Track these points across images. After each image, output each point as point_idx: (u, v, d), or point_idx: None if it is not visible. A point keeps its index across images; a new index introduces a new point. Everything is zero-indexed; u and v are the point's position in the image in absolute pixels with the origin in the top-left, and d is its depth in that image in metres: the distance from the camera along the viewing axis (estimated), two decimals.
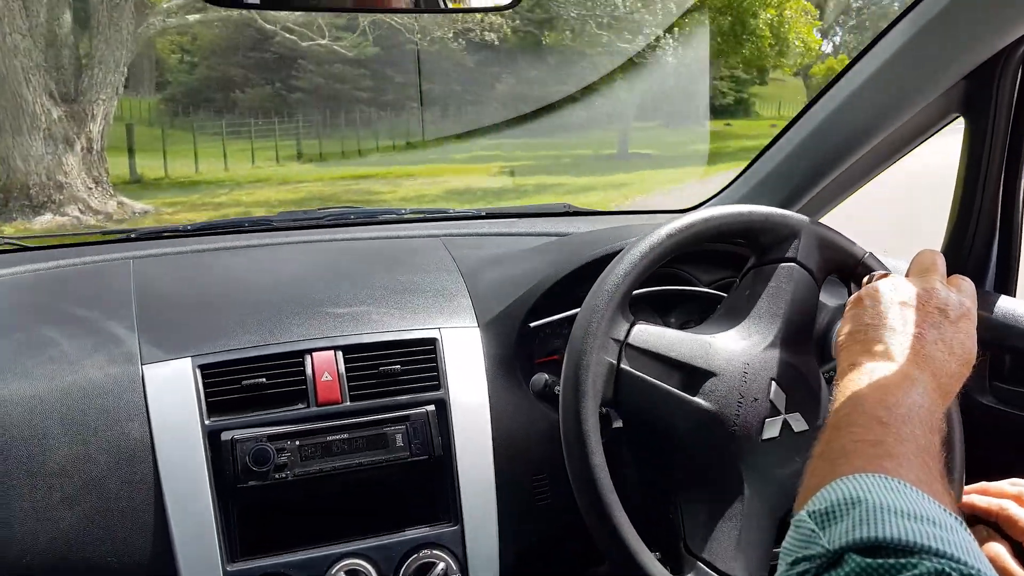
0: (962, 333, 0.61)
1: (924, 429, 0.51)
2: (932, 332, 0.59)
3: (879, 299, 0.63)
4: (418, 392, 0.88)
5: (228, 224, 1.21)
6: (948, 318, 0.61)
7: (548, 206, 1.34)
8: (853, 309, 0.65)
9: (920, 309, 0.61)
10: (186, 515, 0.80)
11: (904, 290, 0.63)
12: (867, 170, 1.09)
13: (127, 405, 0.82)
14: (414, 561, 0.85)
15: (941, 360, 0.58)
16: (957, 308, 0.62)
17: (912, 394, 0.54)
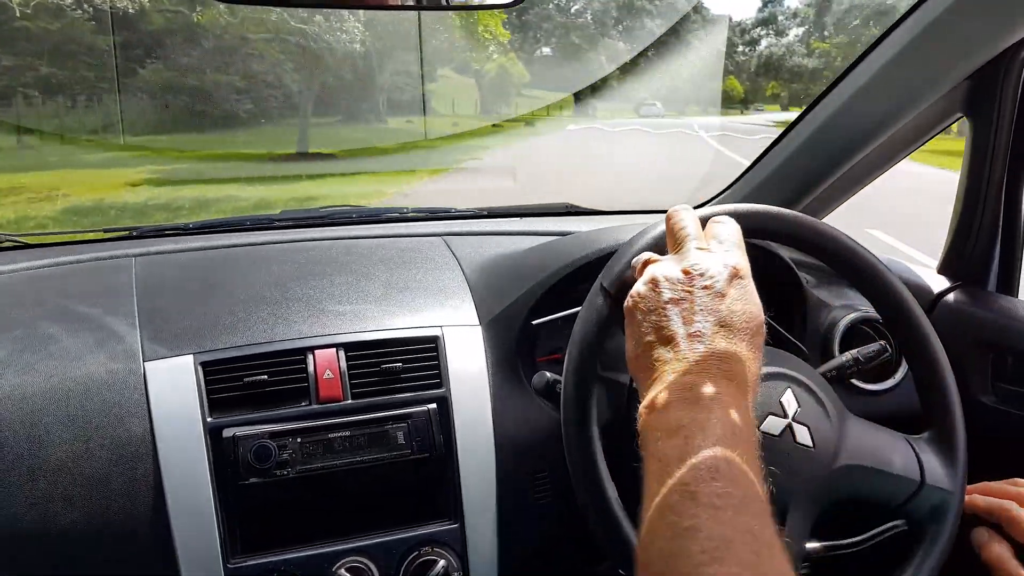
0: (739, 302, 0.56)
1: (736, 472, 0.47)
2: (711, 322, 0.55)
3: (644, 306, 0.58)
4: (420, 390, 0.88)
5: (230, 222, 1.21)
6: (719, 294, 0.56)
7: (550, 205, 1.35)
8: (630, 325, 0.59)
9: (688, 298, 0.56)
10: (187, 512, 0.80)
11: (667, 281, 0.58)
12: (871, 170, 1.09)
13: (128, 402, 0.82)
14: (415, 559, 0.85)
15: (730, 353, 0.54)
16: (722, 274, 0.57)
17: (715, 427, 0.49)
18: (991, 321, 0.95)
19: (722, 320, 0.55)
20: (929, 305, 1.01)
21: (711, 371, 0.53)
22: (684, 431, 0.50)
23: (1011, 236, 0.99)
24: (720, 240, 0.61)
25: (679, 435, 0.50)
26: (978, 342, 0.96)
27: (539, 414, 0.90)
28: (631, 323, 0.59)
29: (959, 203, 1.01)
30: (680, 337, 0.55)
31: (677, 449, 0.49)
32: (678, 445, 0.49)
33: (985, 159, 0.96)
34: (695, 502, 0.46)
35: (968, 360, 0.96)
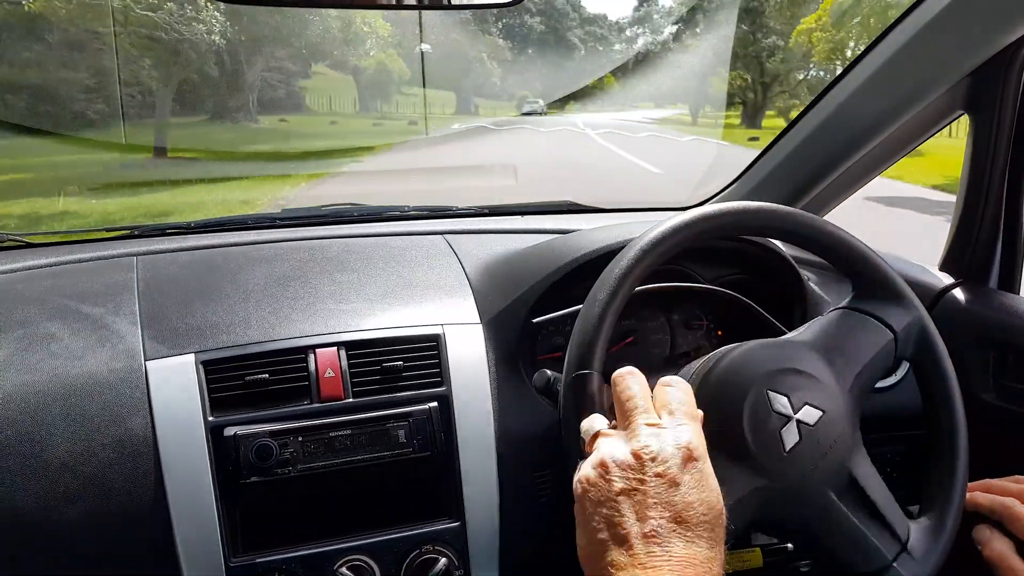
0: (693, 491, 0.53)
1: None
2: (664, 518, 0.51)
3: (595, 496, 0.55)
4: (421, 388, 0.88)
5: (231, 221, 1.21)
6: (672, 480, 0.53)
7: (551, 203, 1.34)
8: (579, 514, 0.56)
9: (641, 489, 0.53)
10: (188, 511, 0.79)
11: (617, 467, 0.54)
12: (871, 167, 1.09)
13: (130, 401, 0.81)
14: (416, 557, 0.85)
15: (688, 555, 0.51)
16: (676, 457, 0.54)
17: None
18: (993, 318, 0.95)
19: (678, 515, 0.52)
20: (931, 302, 1.01)
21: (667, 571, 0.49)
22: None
23: (1012, 233, 0.99)
24: (671, 410, 0.58)
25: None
26: (980, 339, 0.97)
27: (540, 412, 0.90)
28: (581, 512, 0.56)
29: (960, 200, 1.01)
30: (634, 537, 0.51)
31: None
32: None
33: (986, 156, 0.96)
34: None
35: (970, 357, 0.96)
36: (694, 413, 0.59)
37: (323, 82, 23.73)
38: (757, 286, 1.05)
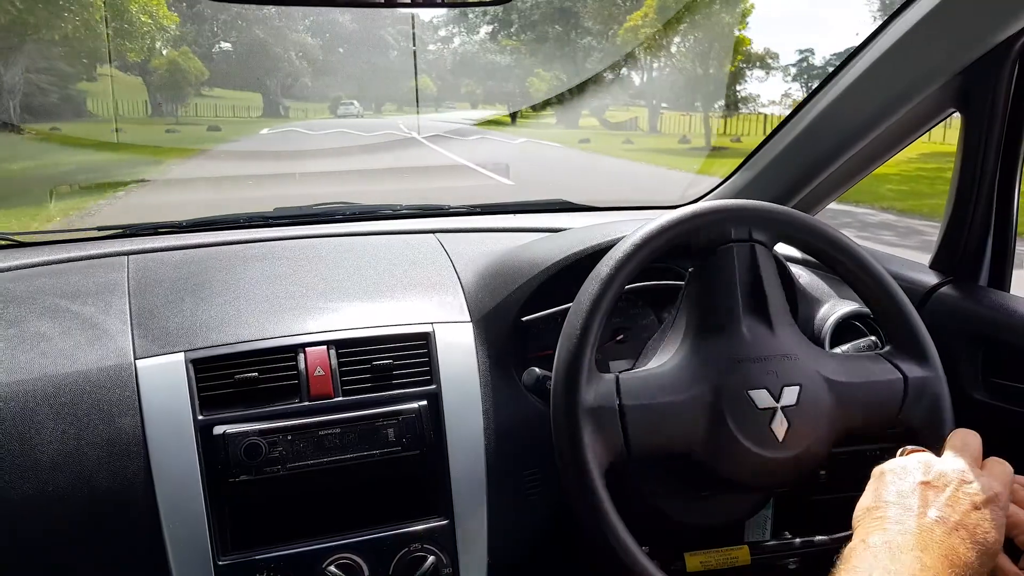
0: (987, 521, 0.59)
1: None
2: (954, 518, 0.58)
3: (904, 477, 0.62)
4: (411, 387, 0.88)
5: (224, 219, 1.20)
6: (974, 504, 0.60)
7: (543, 202, 1.34)
8: (875, 482, 0.63)
9: (945, 492, 0.60)
10: (177, 509, 0.79)
11: (931, 469, 0.62)
12: (864, 164, 1.10)
13: (120, 400, 0.82)
14: (405, 555, 0.85)
15: (960, 550, 0.57)
16: (985, 492, 0.60)
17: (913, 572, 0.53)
18: (983, 316, 0.96)
19: (966, 524, 0.58)
20: (921, 300, 1.02)
21: (936, 550, 0.56)
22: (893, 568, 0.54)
23: (1003, 231, 0.99)
24: (993, 472, 0.64)
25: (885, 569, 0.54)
26: (970, 337, 0.97)
27: (529, 411, 0.90)
28: (877, 481, 0.63)
29: (951, 198, 1.01)
30: (919, 512, 0.58)
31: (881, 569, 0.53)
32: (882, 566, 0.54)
33: (977, 154, 0.96)
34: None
35: (960, 355, 0.97)
36: (1007, 483, 0.64)
37: (109, 84, 20.87)
38: None
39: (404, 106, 36.65)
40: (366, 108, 33.26)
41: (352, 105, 30.25)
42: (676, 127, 24.21)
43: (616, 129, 24.95)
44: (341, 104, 30.22)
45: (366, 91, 34.91)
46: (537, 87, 30.09)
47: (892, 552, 0.55)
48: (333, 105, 31.48)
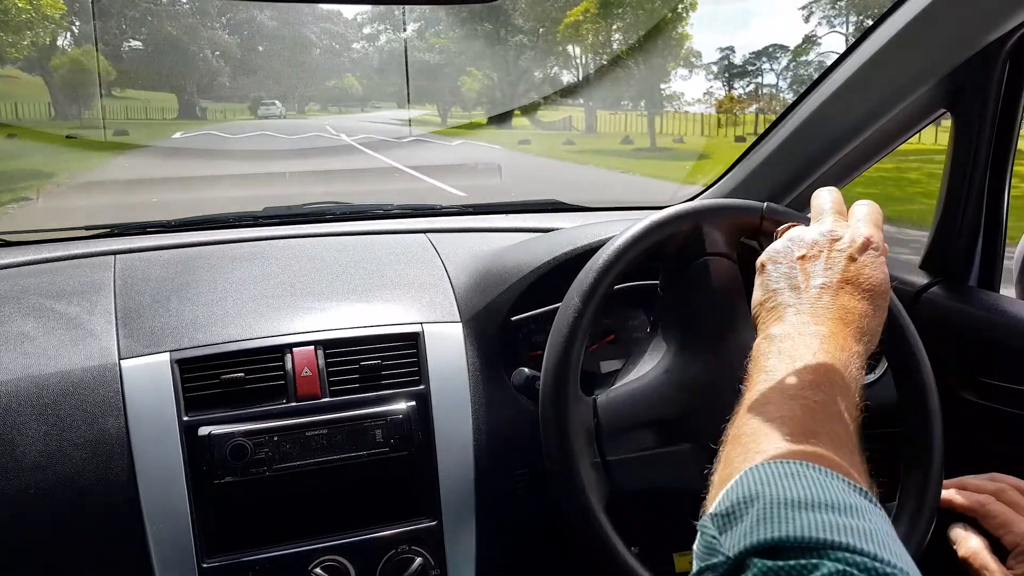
0: (867, 267, 0.60)
1: (836, 392, 0.51)
2: (836, 277, 0.59)
3: (779, 260, 0.63)
4: (399, 387, 0.87)
5: (212, 219, 1.18)
6: (850, 256, 0.60)
7: (535, 202, 1.33)
8: (760, 276, 0.64)
9: (821, 257, 0.61)
10: (161, 511, 0.79)
11: (803, 242, 0.63)
12: (857, 163, 1.10)
13: (104, 400, 0.81)
14: (392, 557, 0.85)
15: (851, 304, 0.58)
16: (856, 242, 0.61)
17: (822, 355, 0.53)
18: (972, 316, 0.95)
19: (848, 278, 0.59)
20: (910, 300, 1.02)
21: (830, 317, 0.57)
22: (795, 354, 0.54)
23: (993, 231, 0.99)
24: (859, 217, 0.64)
25: (790, 357, 0.54)
26: (959, 337, 0.97)
27: (519, 411, 0.90)
28: (762, 274, 0.63)
29: (941, 199, 1.01)
30: (805, 287, 0.59)
31: (785, 366, 0.53)
32: (786, 364, 0.53)
33: (967, 155, 0.96)
34: (792, 400, 0.50)
35: (949, 355, 0.96)
36: (878, 223, 0.64)
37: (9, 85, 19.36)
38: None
39: (328, 106, 35.60)
40: (289, 108, 32.26)
41: (274, 106, 29.36)
42: (612, 126, 24.02)
43: (549, 129, 24.78)
44: (262, 104, 29.26)
45: (288, 91, 33.83)
46: (469, 86, 29.57)
47: (792, 337, 0.56)
48: (254, 105, 30.05)
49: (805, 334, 0.56)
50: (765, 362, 0.55)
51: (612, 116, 25.91)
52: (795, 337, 0.56)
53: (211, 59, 30.05)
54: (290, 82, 33.47)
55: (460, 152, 14.70)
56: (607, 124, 24.72)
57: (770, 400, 0.51)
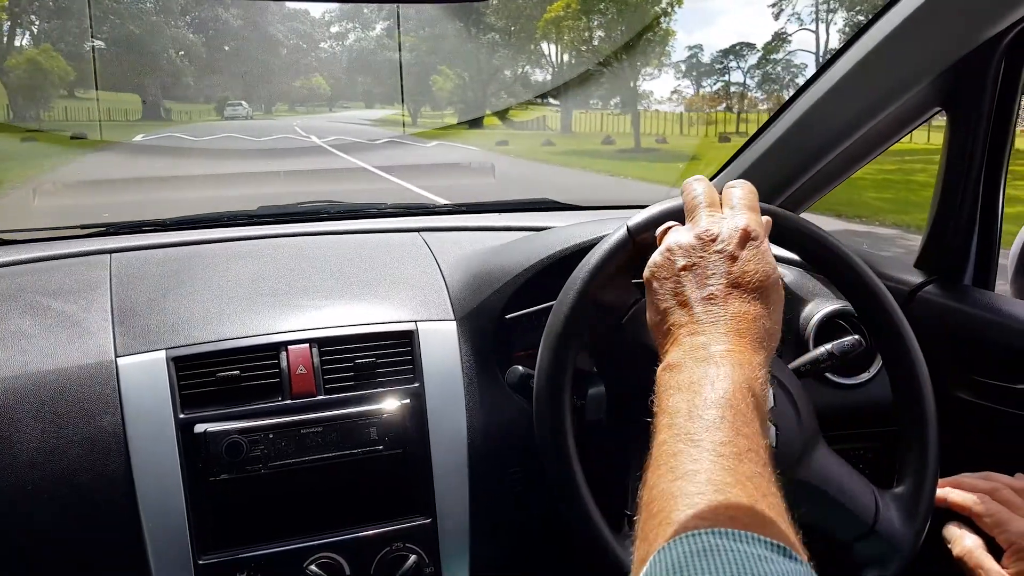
0: (750, 263, 0.58)
1: (743, 424, 0.49)
2: (720, 284, 0.57)
3: (662, 275, 0.61)
4: (393, 385, 0.88)
5: (208, 218, 1.19)
6: (730, 256, 0.59)
7: (529, 201, 1.34)
8: (648, 294, 0.62)
9: (701, 264, 0.59)
10: (157, 508, 0.79)
11: (680, 249, 0.60)
12: (850, 163, 1.09)
13: (100, 398, 0.81)
14: (387, 554, 0.85)
15: (743, 311, 0.56)
16: (733, 237, 0.59)
17: (723, 382, 0.51)
18: (967, 315, 0.95)
19: (734, 281, 0.57)
20: (905, 299, 1.02)
21: (723, 330, 0.55)
22: (694, 386, 0.52)
23: (988, 229, 0.99)
24: (732, 204, 0.63)
25: (689, 390, 0.52)
26: (954, 336, 0.97)
27: (513, 409, 0.90)
28: (650, 292, 0.62)
29: (937, 197, 1.01)
30: (694, 301, 0.57)
31: (686, 403, 0.51)
32: (687, 399, 0.51)
33: (963, 153, 0.96)
34: (699, 448, 0.47)
35: (944, 354, 0.96)
36: (753, 205, 0.62)
37: None
38: None
39: (296, 106, 35.08)
40: (256, 109, 31.63)
41: (241, 106, 28.59)
42: (587, 126, 23.56)
43: (521, 129, 24.49)
44: (228, 105, 28.55)
45: (255, 91, 33.21)
46: (441, 86, 28.81)
47: (689, 366, 0.54)
48: (220, 106, 29.23)
49: (702, 359, 0.54)
50: (667, 401, 0.53)
51: (585, 116, 25.70)
52: (692, 366, 0.54)
53: (175, 59, 29.33)
54: (256, 82, 32.87)
55: (436, 153, 14.12)
56: (582, 124, 24.31)
57: (677, 451, 0.48)
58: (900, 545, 0.72)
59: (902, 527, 0.73)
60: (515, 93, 27.12)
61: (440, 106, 30.38)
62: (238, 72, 31.88)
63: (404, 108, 30.38)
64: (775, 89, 25.19)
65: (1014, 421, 0.92)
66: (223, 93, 31.36)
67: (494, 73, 27.30)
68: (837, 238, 0.78)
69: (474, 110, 26.25)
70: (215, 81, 31.30)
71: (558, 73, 25.93)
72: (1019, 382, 0.92)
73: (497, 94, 27.42)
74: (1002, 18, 0.84)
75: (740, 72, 26.82)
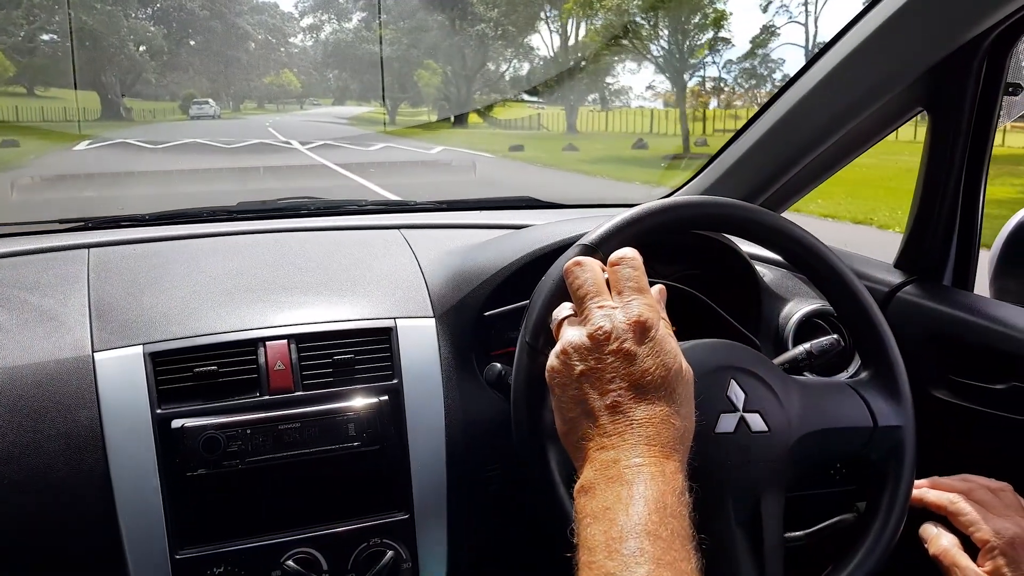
0: (648, 360, 0.55)
1: (661, 553, 0.48)
2: (624, 389, 0.55)
3: (566, 379, 0.58)
4: (372, 382, 0.88)
5: (186, 213, 1.19)
6: (626, 355, 0.56)
7: (510, 199, 1.34)
8: (553, 399, 0.60)
9: (598, 368, 0.56)
10: (134, 504, 0.79)
11: (575, 352, 0.57)
12: (832, 163, 1.10)
13: (77, 393, 0.81)
14: (364, 550, 0.85)
15: (650, 416, 0.54)
16: (628, 332, 0.56)
17: (638, 505, 0.50)
18: (945, 315, 0.96)
19: (636, 383, 0.55)
20: (884, 299, 1.02)
21: (631, 440, 0.53)
22: (609, 513, 0.50)
23: (968, 230, 0.99)
24: (621, 289, 0.59)
25: (604, 519, 0.50)
26: (932, 336, 0.97)
27: (491, 406, 0.90)
28: (554, 397, 0.59)
29: (917, 197, 1.01)
30: (599, 411, 0.55)
31: (602, 535, 0.49)
32: (603, 530, 0.49)
33: (944, 153, 0.96)
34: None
35: (922, 354, 0.97)
36: (643, 287, 0.60)
37: None
38: (713, 282, 1.05)
39: (265, 103, 34.20)
40: (223, 106, 30.33)
41: (207, 104, 26.65)
42: (593, 125, 21.12)
43: (509, 128, 22.34)
44: (194, 103, 26.66)
45: (222, 88, 32.19)
46: (427, 81, 27.03)
47: (602, 489, 0.52)
48: (185, 104, 27.30)
49: (613, 478, 0.52)
50: (584, 532, 0.51)
51: (592, 114, 22.78)
52: (604, 488, 0.52)
53: (134, 53, 27.81)
54: (224, 78, 31.83)
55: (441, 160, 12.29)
56: (587, 123, 22.08)
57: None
58: (902, 422, 0.75)
59: (894, 406, 0.75)
60: (503, 89, 25.17)
61: (421, 103, 28.30)
62: (204, 68, 30.83)
63: (384, 105, 28.97)
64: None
65: (991, 421, 0.92)
66: (188, 90, 30.16)
67: (480, 67, 25.75)
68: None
69: (460, 107, 24.64)
70: (179, 78, 30.16)
71: (573, 62, 23.24)
72: (997, 382, 0.92)
73: (485, 90, 26.03)
74: (984, 19, 0.84)
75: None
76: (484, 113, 24.89)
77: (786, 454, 0.70)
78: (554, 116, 23.78)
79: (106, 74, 25.13)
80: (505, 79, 26.61)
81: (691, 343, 0.75)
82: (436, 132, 22.08)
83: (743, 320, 1.01)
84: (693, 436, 0.58)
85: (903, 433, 0.75)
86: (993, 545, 0.70)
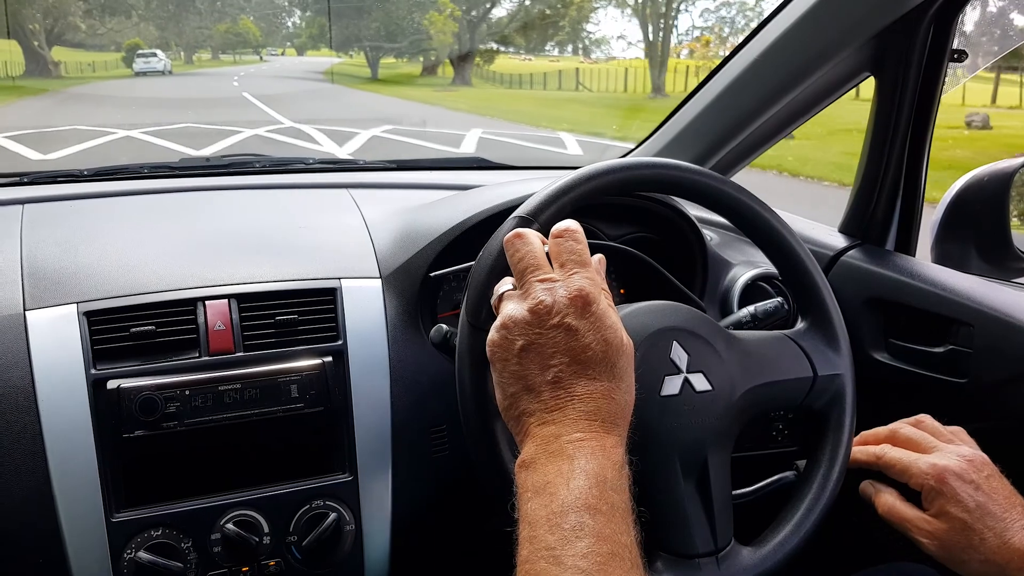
0: (590, 334, 0.55)
1: (603, 526, 0.48)
2: (565, 364, 0.55)
3: (505, 356, 0.57)
4: (315, 343, 0.87)
5: (127, 169, 1.16)
6: (567, 329, 0.55)
7: (459, 159, 1.38)
8: (493, 372, 0.59)
9: (539, 342, 0.56)
10: (67, 465, 0.77)
11: (516, 326, 0.57)
12: (780, 127, 1.10)
13: (8, 352, 0.79)
14: (307, 512, 0.84)
15: (591, 391, 0.54)
16: (569, 307, 0.56)
17: (579, 480, 0.50)
18: (887, 279, 0.97)
19: (577, 358, 0.55)
20: (828, 263, 1.04)
21: (572, 415, 0.53)
22: (550, 488, 0.50)
23: (911, 196, 1.01)
24: (563, 262, 0.59)
25: (545, 493, 0.50)
26: (874, 300, 0.99)
27: (438, 367, 0.90)
28: (494, 372, 0.59)
29: (863, 163, 1.02)
30: (540, 385, 0.55)
31: (543, 509, 0.50)
32: (544, 504, 0.50)
33: (889, 118, 0.97)
34: (561, 566, 0.46)
35: (863, 318, 0.99)
36: (584, 260, 0.59)
37: None
38: (660, 245, 1.06)
39: (219, 54, 31.73)
40: (173, 58, 24.89)
41: (155, 57, 22.25)
42: (600, 82, 19.36)
43: (512, 85, 20.13)
44: (139, 57, 22.10)
45: (173, 37, 29.16)
46: (440, 27, 23.67)
47: (543, 464, 0.52)
48: (128, 58, 22.91)
49: (554, 453, 0.52)
50: (525, 506, 0.51)
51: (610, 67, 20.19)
52: (544, 463, 0.52)
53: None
54: (174, 27, 28.88)
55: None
56: (595, 79, 19.49)
57: (539, 571, 0.47)
58: (841, 369, 0.77)
59: (832, 354, 0.77)
60: (510, 41, 22.54)
61: (441, 55, 24.04)
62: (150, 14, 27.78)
63: (362, 54, 25.67)
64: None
65: (928, 383, 0.94)
66: (132, 39, 24.49)
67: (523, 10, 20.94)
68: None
69: (460, 61, 21.58)
70: (118, 24, 25.87)
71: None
72: (936, 345, 0.94)
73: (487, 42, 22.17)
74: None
75: None
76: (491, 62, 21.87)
77: (731, 410, 0.72)
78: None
79: (26, 17, 20.32)
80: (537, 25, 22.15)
81: (632, 307, 0.75)
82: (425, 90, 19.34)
83: (690, 283, 1.01)
84: (636, 405, 0.59)
85: (843, 380, 0.77)
86: (928, 486, 0.71)
